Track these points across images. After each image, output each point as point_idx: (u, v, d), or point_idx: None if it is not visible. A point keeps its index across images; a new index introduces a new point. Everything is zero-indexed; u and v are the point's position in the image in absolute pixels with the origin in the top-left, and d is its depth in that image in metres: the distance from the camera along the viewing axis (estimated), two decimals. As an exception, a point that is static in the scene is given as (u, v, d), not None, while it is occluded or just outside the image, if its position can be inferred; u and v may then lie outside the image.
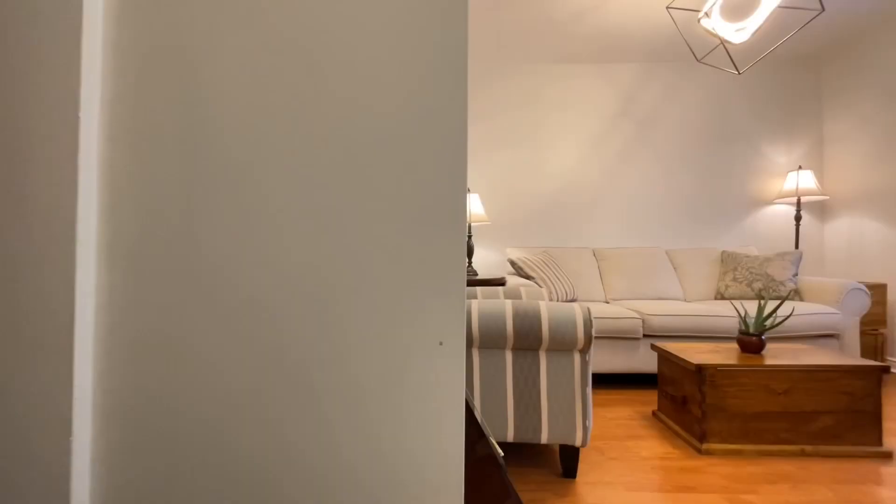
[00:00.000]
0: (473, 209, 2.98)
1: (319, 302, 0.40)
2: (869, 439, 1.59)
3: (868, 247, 2.86)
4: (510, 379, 1.40)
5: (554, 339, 1.35)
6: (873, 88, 2.80)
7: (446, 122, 0.40)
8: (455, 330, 0.40)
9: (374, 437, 0.40)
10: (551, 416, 1.38)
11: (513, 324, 1.35)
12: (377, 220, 0.40)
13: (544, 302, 1.39)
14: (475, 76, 3.34)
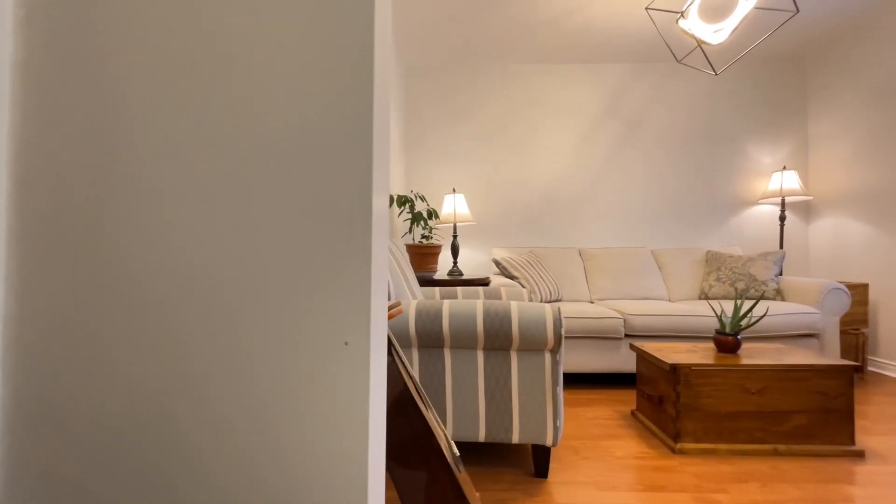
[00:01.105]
0: (459, 209, 2.98)
1: (221, 302, 0.40)
2: (841, 438, 1.59)
3: (851, 247, 2.87)
4: (482, 379, 1.40)
5: (524, 339, 1.34)
6: (857, 89, 2.82)
7: (351, 124, 0.40)
8: (360, 329, 0.40)
9: (276, 440, 0.40)
10: (522, 415, 1.38)
11: (483, 324, 1.35)
12: (280, 220, 0.40)
13: (515, 302, 1.39)
14: (462, 76, 3.34)
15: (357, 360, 0.40)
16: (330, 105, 0.40)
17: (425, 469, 0.74)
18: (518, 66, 3.32)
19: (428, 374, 1.42)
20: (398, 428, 0.73)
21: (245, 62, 0.40)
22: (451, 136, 3.37)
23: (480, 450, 1.65)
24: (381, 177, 0.46)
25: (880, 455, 1.59)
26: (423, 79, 3.37)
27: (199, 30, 0.40)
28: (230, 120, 0.40)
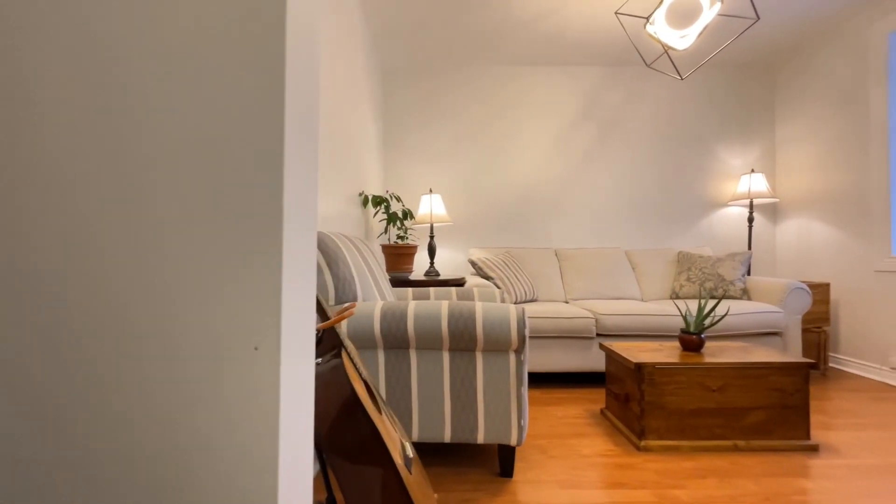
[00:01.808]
0: (436, 210, 2.98)
1: (128, 306, 0.39)
2: (797, 433, 1.65)
3: (815, 247, 2.97)
4: (447, 380, 1.40)
5: (489, 340, 1.35)
6: (822, 95, 2.92)
7: (260, 125, 0.40)
8: (271, 333, 0.39)
9: (183, 448, 0.39)
10: (487, 416, 1.39)
11: (448, 325, 1.35)
12: (189, 223, 0.39)
13: (480, 303, 1.39)
14: (439, 77, 3.34)
15: (267, 366, 0.40)
16: (237, 103, 0.39)
17: (371, 471, 0.74)
18: (495, 67, 3.33)
19: (394, 376, 1.41)
20: (343, 430, 0.73)
21: (148, 62, 0.39)
22: (429, 137, 3.36)
23: (448, 450, 1.65)
24: (298, 176, 0.45)
25: (834, 449, 1.65)
26: (400, 79, 3.36)
27: (98, 27, 0.39)
28: (132, 119, 0.39)
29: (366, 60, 2.72)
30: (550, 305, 2.58)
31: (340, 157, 2.10)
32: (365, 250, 1.86)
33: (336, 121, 2.01)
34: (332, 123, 1.95)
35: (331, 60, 1.92)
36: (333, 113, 1.97)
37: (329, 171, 1.90)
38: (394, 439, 0.85)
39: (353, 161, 2.39)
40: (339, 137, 2.06)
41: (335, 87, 2.00)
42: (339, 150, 2.08)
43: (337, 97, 2.03)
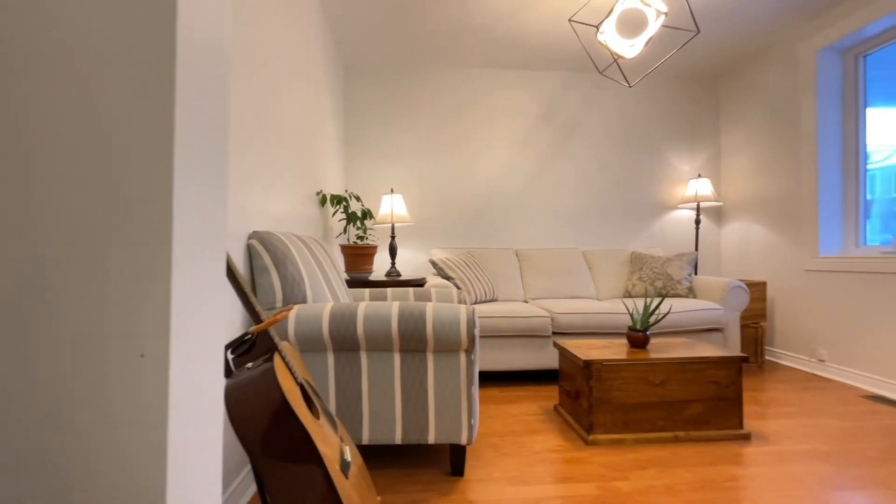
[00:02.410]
0: (397, 210, 2.96)
1: (2, 305, 0.36)
2: (731, 423, 1.75)
3: (754, 248, 3.18)
4: (398, 381, 1.40)
5: (439, 341, 1.36)
6: (759, 107, 3.12)
7: (144, 124, 0.38)
8: (158, 340, 0.38)
9: (64, 463, 0.36)
10: (438, 416, 1.40)
11: (398, 326, 1.34)
12: (71, 225, 0.37)
13: (431, 304, 1.39)
14: (402, 76, 3.32)
15: (155, 374, 0.38)
16: (124, 97, 0.37)
17: (302, 477, 0.72)
18: (457, 68, 3.35)
19: (344, 378, 1.39)
20: (273, 436, 0.71)
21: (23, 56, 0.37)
22: (391, 136, 3.34)
23: (400, 451, 1.65)
24: (194, 173, 0.43)
25: (764, 437, 1.77)
26: (363, 77, 3.31)
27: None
28: (9, 115, 0.37)
29: (325, 55, 2.67)
30: (509, 305, 2.62)
31: (295, 155, 2.05)
32: (319, 250, 1.82)
33: (288, 115, 1.96)
34: (284, 118, 1.90)
35: (284, 52, 1.87)
36: (285, 107, 1.91)
37: (281, 169, 1.85)
38: (331, 444, 0.84)
39: (309, 159, 2.34)
40: (292, 133, 2.01)
41: (289, 80, 1.94)
42: (293, 146, 2.03)
43: (290, 91, 1.98)
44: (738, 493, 1.35)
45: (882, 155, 2.46)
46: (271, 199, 1.72)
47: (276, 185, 1.77)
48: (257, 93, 1.55)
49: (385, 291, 2.25)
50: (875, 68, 2.52)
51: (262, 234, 1.46)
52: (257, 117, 1.55)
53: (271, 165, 1.71)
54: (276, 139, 1.76)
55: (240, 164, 1.39)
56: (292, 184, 2.02)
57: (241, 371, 0.75)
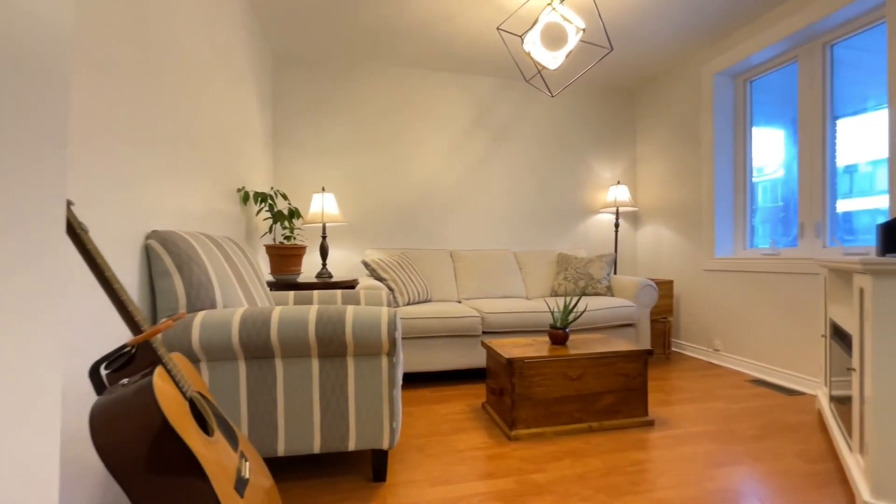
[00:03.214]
0: (328, 209, 2.86)
1: None
2: (638, 411, 1.91)
3: (663, 250, 3.49)
4: (317, 388, 1.35)
5: (359, 344, 1.33)
6: (668, 121, 3.43)
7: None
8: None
9: None
10: (359, 421, 1.37)
11: (315, 331, 1.29)
12: None
13: (351, 307, 1.36)
14: (336, 71, 3.22)
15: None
16: None
17: (185, 501, 0.66)
18: (394, 67, 3.32)
19: (257, 388, 1.31)
20: (149, 460, 0.64)
21: None
22: (324, 133, 3.22)
23: (320, 460, 1.59)
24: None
25: (666, 422, 1.94)
26: (294, 69, 3.16)
27: None
28: None
29: (249, 42, 2.50)
30: (442, 306, 2.64)
31: (211, 148, 1.90)
32: (234, 251, 1.71)
33: (202, 105, 1.81)
34: (197, 108, 1.75)
35: (196, 35, 1.72)
36: (198, 97, 1.77)
37: (192, 163, 1.70)
38: (225, 463, 0.78)
39: (229, 153, 2.18)
40: (207, 125, 1.86)
41: (203, 67, 1.79)
42: (209, 139, 1.88)
43: (204, 79, 1.83)
44: (640, 476, 1.47)
45: (770, 168, 2.82)
46: (179, 195, 1.58)
47: (184, 180, 1.62)
48: (161, 81, 1.41)
49: (311, 294, 2.16)
50: (759, 92, 2.88)
51: (163, 233, 1.34)
52: (160, 107, 1.41)
53: (180, 159, 1.57)
54: (186, 131, 1.62)
55: (138, 158, 1.26)
56: (207, 179, 1.87)
57: (114, 389, 0.68)
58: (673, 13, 2.57)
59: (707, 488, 1.39)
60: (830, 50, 2.41)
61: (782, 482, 1.43)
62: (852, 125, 2.33)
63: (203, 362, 1.29)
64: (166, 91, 1.47)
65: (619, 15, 2.57)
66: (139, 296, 1.27)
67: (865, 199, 2.29)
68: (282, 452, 1.34)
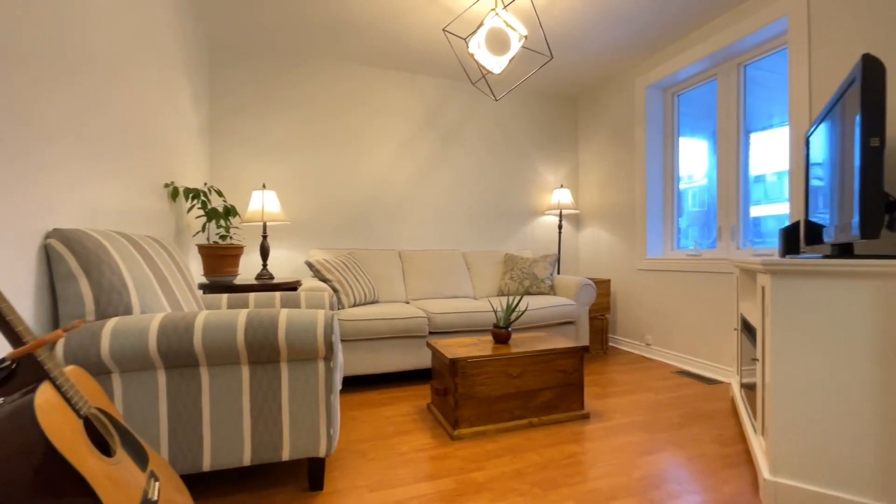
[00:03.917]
0: (269, 207, 2.73)
1: None
2: (575, 406, 1.99)
3: (602, 250, 3.68)
4: (247, 397, 1.28)
5: (293, 349, 1.27)
6: (606, 129, 3.62)
7: None
8: None
9: None
10: (294, 429, 1.31)
11: (245, 336, 1.22)
12: None
13: (285, 310, 1.30)
14: (281, 64, 3.07)
15: None
16: None
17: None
18: (342, 63, 3.23)
19: (179, 400, 1.22)
20: (29, 491, 0.57)
21: None
22: (267, 129, 3.07)
23: (253, 472, 1.51)
24: None
25: (600, 414, 2.04)
26: (234, 60, 2.98)
27: None
28: None
29: (182, 30, 2.32)
30: (389, 307, 2.61)
31: (133, 139, 1.74)
32: (158, 252, 1.57)
33: (121, 92, 1.65)
34: (113, 94, 1.60)
35: (114, 16, 1.57)
36: (117, 82, 1.61)
37: (109, 155, 1.55)
38: (127, 485, 0.72)
39: (155, 145, 2.01)
40: (128, 114, 1.70)
41: (116, 51, 1.64)
42: (130, 129, 1.72)
43: (125, 65, 1.67)
44: (574, 469, 1.53)
45: (698, 176, 3.06)
46: (90, 191, 1.43)
47: (97, 174, 1.47)
48: (70, 68, 1.27)
49: (248, 297, 2.05)
50: (685, 105, 3.12)
51: (66, 232, 1.20)
52: (68, 95, 1.27)
53: (92, 152, 1.42)
54: (100, 121, 1.47)
55: (38, 149, 1.12)
56: (126, 173, 1.71)
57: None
58: (609, 27, 2.72)
59: (634, 476, 1.48)
60: (744, 70, 2.66)
61: (700, 465, 1.55)
62: (762, 139, 2.58)
63: (115, 374, 1.18)
64: (77, 79, 1.32)
65: (560, 25, 2.67)
66: (34, 302, 1.13)
67: (773, 205, 2.55)
68: (208, 467, 1.25)
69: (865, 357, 1.18)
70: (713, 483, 1.43)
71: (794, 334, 1.28)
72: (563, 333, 2.92)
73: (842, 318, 1.21)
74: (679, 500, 1.34)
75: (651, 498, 1.35)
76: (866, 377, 1.18)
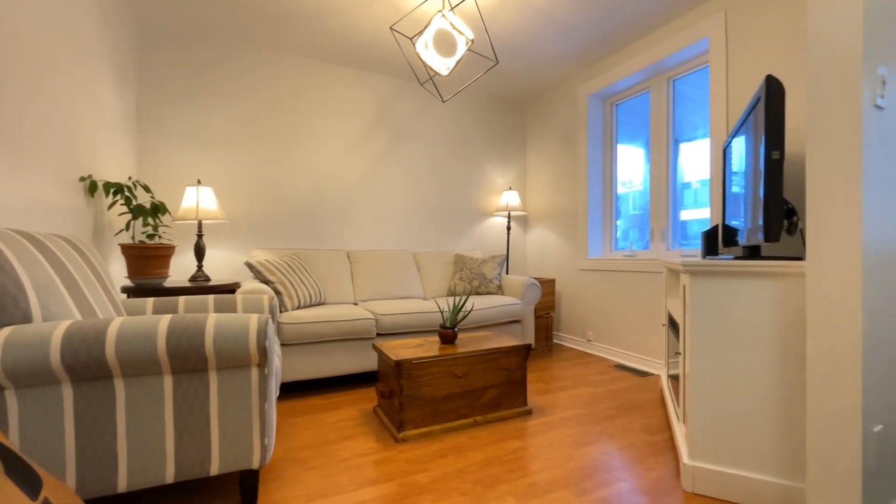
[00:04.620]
0: (205, 204, 2.56)
1: None
2: (518, 402, 2.05)
3: (548, 251, 3.82)
4: (170, 409, 1.19)
5: (223, 356, 1.20)
6: (552, 134, 3.76)
7: None
8: None
9: None
10: (224, 442, 1.24)
11: (166, 344, 1.13)
12: None
13: (213, 315, 1.23)
14: (220, 53, 2.89)
15: None
16: None
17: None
18: (288, 57, 3.10)
19: (89, 416, 1.11)
20: None
21: None
22: (205, 122, 2.88)
23: (180, 489, 1.41)
24: None
25: (542, 410, 2.12)
26: (167, 45, 2.76)
27: None
28: None
29: (101, 10, 2.11)
30: (335, 308, 2.54)
31: (34, 127, 1.56)
32: (67, 252, 1.42)
33: (15, 73, 1.48)
34: (12, 73, 1.42)
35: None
36: (15, 58, 1.44)
37: (7, 143, 1.38)
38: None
39: (68, 135, 1.82)
40: (26, 98, 1.52)
41: (14, 28, 1.46)
42: (29, 115, 1.54)
43: (27, 39, 1.49)
44: (515, 464, 1.57)
45: (637, 181, 3.25)
46: (-20, 183, 1.26)
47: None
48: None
49: (177, 301, 1.91)
50: (623, 115, 3.31)
51: (-52, 231, 1.05)
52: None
53: (-20, 138, 1.25)
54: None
55: None
56: (30, 165, 1.53)
57: None
58: (553, 37, 2.83)
59: (570, 468, 1.55)
60: (673, 84, 2.87)
61: (630, 454, 1.65)
62: (690, 148, 2.80)
63: (10, 391, 1.05)
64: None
65: (507, 32, 2.74)
66: None
67: (700, 210, 2.77)
68: (124, 488, 1.15)
69: (768, 349, 1.32)
70: (640, 470, 1.53)
71: (709, 329, 1.39)
72: (509, 332, 2.99)
73: (748, 313, 1.34)
74: (608, 487, 1.42)
75: (584, 488, 1.41)
76: (768, 367, 1.32)
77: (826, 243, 1.11)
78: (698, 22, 2.48)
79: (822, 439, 1.11)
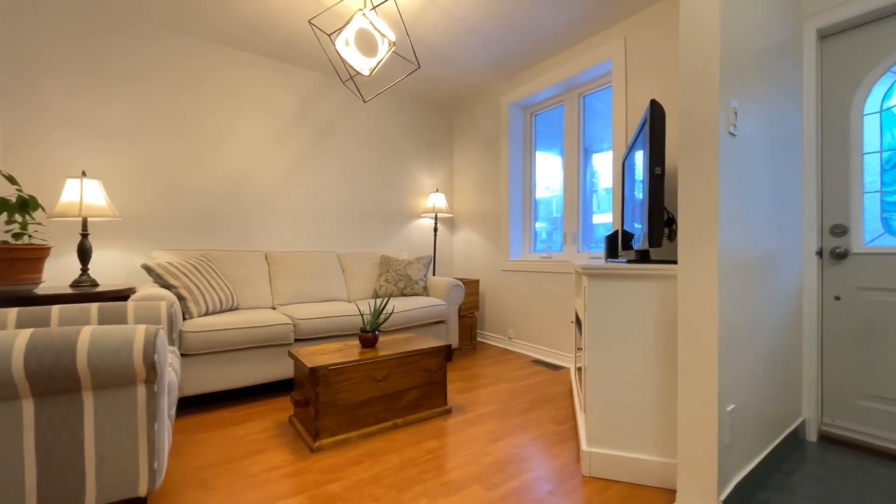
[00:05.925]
0: (90, 199, 2.26)
1: None
2: (439, 402, 2.09)
3: (473, 252, 3.93)
4: (30, 438, 1.03)
5: (99, 375, 1.07)
6: (477, 139, 3.87)
7: None
8: None
9: None
10: (102, 470, 1.10)
11: (25, 365, 0.99)
12: None
13: (89, 328, 1.09)
14: (114, 24, 2.56)
15: None
16: None
17: None
18: (196, 39, 2.83)
19: (-83, 453, 0.93)
20: None
21: None
22: (91, 105, 2.53)
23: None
24: None
25: (462, 408, 2.18)
26: (47, 10, 2.38)
27: None
28: None
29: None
30: (249, 314, 2.38)
31: None
32: None
33: None
34: None
35: None
36: None
37: None
38: None
39: None
40: None
41: None
42: None
43: None
44: (432, 464, 1.60)
45: (556, 187, 3.46)
46: None
47: None
48: None
49: (50, 311, 1.66)
50: (542, 125, 3.51)
51: None
52: None
53: None
54: None
55: None
56: None
57: None
58: (475, 45, 2.91)
59: (484, 462, 1.61)
60: (584, 99, 3.11)
61: (539, 445, 1.76)
62: (600, 159, 3.05)
63: None
64: None
65: (431, 36, 2.77)
66: None
67: (606, 215, 3.03)
68: (-34, 534, 0.98)
69: (650, 344, 1.48)
70: (546, 459, 1.64)
71: (604, 326, 1.53)
72: (433, 332, 3.03)
73: (635, 312, 1.50)
74: (517, 479, 1.50)
75: (495, 481, 1.48)
76: (651, 360, 1.48)
77: (692, 249, 1.28)
78: (603, 45, 2.71)
79: (687, 419, 1.28)
